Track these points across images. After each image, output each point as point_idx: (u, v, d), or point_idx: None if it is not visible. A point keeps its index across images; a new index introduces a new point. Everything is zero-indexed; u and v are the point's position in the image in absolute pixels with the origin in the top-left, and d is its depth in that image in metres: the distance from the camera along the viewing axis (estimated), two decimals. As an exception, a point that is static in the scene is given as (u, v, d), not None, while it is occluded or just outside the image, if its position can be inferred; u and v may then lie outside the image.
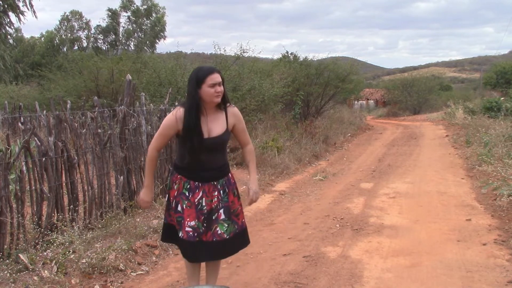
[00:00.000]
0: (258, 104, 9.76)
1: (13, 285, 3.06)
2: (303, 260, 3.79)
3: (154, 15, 36.62)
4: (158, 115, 5.84)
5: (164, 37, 37.54)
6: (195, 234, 2.54)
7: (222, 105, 2.57)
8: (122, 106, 4.98)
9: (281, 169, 7.90)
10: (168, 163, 5.68)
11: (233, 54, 11.65)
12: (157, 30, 36.81)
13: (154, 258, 3.90)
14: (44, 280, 3.16)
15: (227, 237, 2.59)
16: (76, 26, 37.62)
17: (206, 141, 2.51)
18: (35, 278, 3.17)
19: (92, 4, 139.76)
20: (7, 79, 20.78)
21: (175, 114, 2.51)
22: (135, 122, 5.13)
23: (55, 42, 35.36)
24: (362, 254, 3.90)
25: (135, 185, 5.06)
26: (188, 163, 2.58)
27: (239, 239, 2.67)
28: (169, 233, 2.68)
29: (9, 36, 19.12)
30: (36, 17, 18.55)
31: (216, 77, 2.45)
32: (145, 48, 34.94)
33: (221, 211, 2.60)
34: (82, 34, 37.71)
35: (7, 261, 3.33)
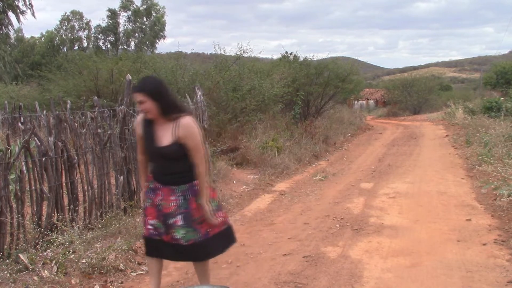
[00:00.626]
0: (258, 104, 9.76)
1: (13, 285, 3.06)
2: (303, 260, 3.79)
3: (154, 14, 36.65)
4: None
5: (164, 37, 37.59)
6: (156, 233, 2.63)
7: (172, 116, 2.52)
8: (122, 106, 4.98)
9: (281, 169, 7.91)
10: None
11: (233, 54, 11.65)
12: (157, 30, 36.83)
13: (154, 258, 3.89)
14: (44, 280, 3.16)
15: (185, 243, 2.57)
16: (77, 26, 37.67)
17: (156, 149, 2.57)
18: (35, 278, 3.17)
19: (93, 4, 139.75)
20: (7, 79, 20.78)
21: (137, 120, 2.64)
22: (135, 122, 5.11)
23: (55, 42, 35.38)
24: (362, 254, 3.90)
25: (135, 185, 5.06)
26: (152, 165, 2.70)
27: (201, 249, 2.61)
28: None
29: (10, 36, 19.13)
30: (35, 17, 18.54)
31: (136, 96, 2.51)
32: (145, 48, 34.96)
33: (179, 217, 2.57)
34: (83, 34, 37.76)
35: (7, 261, 3.33)
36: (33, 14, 18.37)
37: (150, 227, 2.64)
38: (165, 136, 2.53)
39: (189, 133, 2.52)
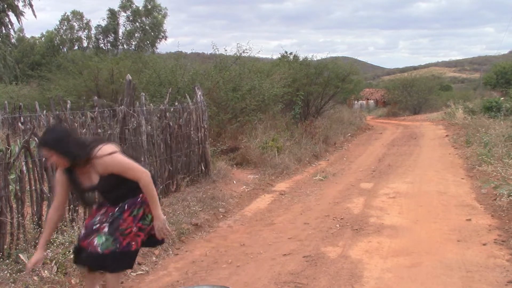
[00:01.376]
0: (258, 104, 9.76)
1: (13, 285, 3.06)
2: (303, 260, 3.79)
3: (155, 14, 36.63)
4: (158, 115, 5.84)
5: (165, 37, 37.58)
6: (79, 237, 2.63)
7: (86, 159, 2.46)
8: (122, 106, 4.98)
9: (281, 169, 7.91)
10: (168, 163, 5.68)
11: (233, 54, 11.66)
12: (158, 31, 36.83)
13: (154, 258, 3.90)
14: (44, 280, 3.16)
15: (101, 251, 2.46)
16: (76, 26, 37.66)
17: (86, 189, 2.57)
18: (35, 278, 3.17)
19: (94, 4, 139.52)
20: (7, 79, 20.78)
21: (58, 172, 2.59)
22: (135, 122, 5.13)
23: (55, 42, 35.37)
24: (362, 254, 3.90)
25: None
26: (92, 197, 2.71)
27: (116, 260, 2.50)
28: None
29: (11, 36, 19.13)
30: (35, 16, 18.51)
31: (44, 155, 2.57)
32: (146, 48, 34.94)
33: (107, 224, 2.52)
34: (83, 34, 37.75)
35: (7, 261, 3.33)
36: (33, 13, 18.36)
37: (80, 233, 2.64)
38: (87, 179, 2.51)
39: (110, 165, 2.45)
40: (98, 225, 2.53)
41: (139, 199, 2.58)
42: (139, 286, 3.35)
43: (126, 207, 2.55)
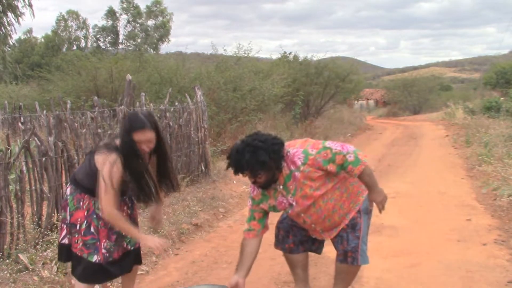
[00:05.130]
0: (258, 104, 9.76)
1: (13, 285, 3.06)
2: (303, 260, 3.79)
3: (160, 18, 36.66)
4: (158, 115, 5.84)
5: (169, 41, 37.63)
6: (108, 255, 2.46)
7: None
8: (122, 106, 4.98)
9: (281, 169, 7.89)
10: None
11: (232, 54, 11.68)
12: (162, 33, 36.85)
13: (154, 258, 3.89)
14: (44, 280, 3.16)
15: (131, 248, 2.57)
16: (74, 26, 37.66)
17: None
18: (35, 278, 3.17)
19: (95, 4, 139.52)
20: (7, 79, 20.78)
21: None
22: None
23: (55, 42, 35.38)
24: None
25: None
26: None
27: (138, 253, 2.66)
28: (67, 254, 2.51)
29: (11, 36, 19.12)
30: (33, 15, 18.46)
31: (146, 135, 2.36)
32: (148, 49, 34.94)
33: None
34: (80, 34, 37.75)
35: (7, 261, 3.33)
36: (32, 13, 18.32)
37: (105, 251, 2.44)
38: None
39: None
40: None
41: None
42: (139, 286, 3.34)
43: (134, 201, 2.65)
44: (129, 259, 2.57)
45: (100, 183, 2.30)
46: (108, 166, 2.30)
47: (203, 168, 6.60)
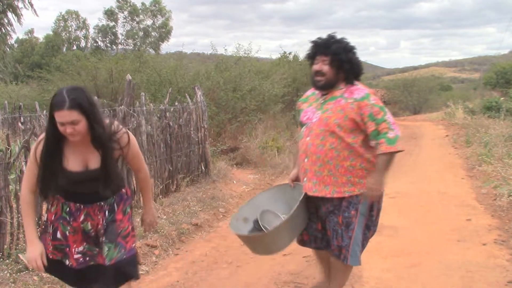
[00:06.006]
0: (258, 104, 9.76)
1: (13, 285, 3.06)
2: (303, 260, 3.79)
3: (160, 17, 36.72)
4: (158, 115, 5.85)
5: (168, 39, 37.69)
6: (87, 259, 2.13)
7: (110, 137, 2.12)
8: (122, 106, 4.98)
9: (281, 169, 7.90)
10: (168, 163, 5.68)
11: (233, 54, 11.68)
12: (163, 33, 36.89)
13: (154, 258, 3.90)
14: (44, 280, 3.16)
15: (107, 263, 2.07)
16: (74, 26, 37.70)
17: (73, 174, 2.10)
18: (35, 278, 3.17)
19: (96, 4, 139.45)
20: (7, 79, 20.78)
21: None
22: (135, 122, 5.13)
23: (55, 42, 35.40)
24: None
25: (135, 185, 5.06)
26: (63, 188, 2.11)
27: (125, 268, 2.11)
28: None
29: (11, 36, 19.14)
30: (36, 14, 18.49)
31: (65, 120, 1.92)
32: (147, 48, 34.99)
33: (103, 231, 2.13)
34: (80, 34, 37.79)
35: (7, 261, 3.33)
36: (35, 13, 18.34)
37: (78, 255, 2.11)
38: (84, 159, 2.07)
39: (130, 145, 2.15)
40: (101, 238, 2.11)
41: (127, 196, 2.24)
42: (139, 286, 3.34)
43: (116, 208, 2.16)
44: (102, 276, 2.11)
45: None
46: (35, 144, 2.07)
47: (203, 168, 6.61)
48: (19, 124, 8.32)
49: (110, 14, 36.39)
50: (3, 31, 18.17)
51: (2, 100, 12.57)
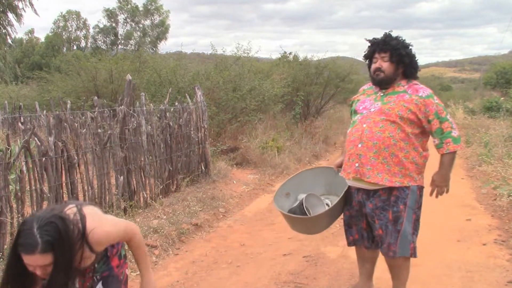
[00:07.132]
0: (258, 104, 9.76)
1: (13, 285, 3.06)
2: (303, 260, 3.79)
3: (157, 17, 36.72)
4: (158, 115, 5.85)
5: (166, 38, 37.66)
6: None
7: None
8: (122, 106, 4.98)
9: (281, 169, 7.90)
10: (168, 163, 5.68)
11: (233, 54, 11.67)
12: (160, 32, 36.88)
13: (154, 258, 3.90)
14: (44, 280, 3.15)
15: None
16: (74, 26, 37.71)
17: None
18: (35, 278, 3.17)
19: (96, 4, 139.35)
20: (7, 79, 20.78)
21: None
22: (135, 122, 5.13)
23: (55, 42, 35.40)
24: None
25: (135, 185, 5.06)
26: None
27: None
28: None
29: (11, 36, 19.14)
30: (37, 14, 18.50)
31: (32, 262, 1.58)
32: (146, 48, 35.01)
33: (99, 285, 1.94)
34: (81, 34, 37.80)
35: (7, 261, 3.33)
36: (35, 12, 18.32)
37: None
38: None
39: (103, 242, 1.87)
40: None
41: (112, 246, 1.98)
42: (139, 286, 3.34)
43: (109, 258, 1.97)
44: None
45: None
46: None
47: (203, 168, 6.61)
48: (19, 124, 8.33)
49: (110, 14, 36.40)
50: (3, 31, 18.16)
51: (2, 100, 12.57)
